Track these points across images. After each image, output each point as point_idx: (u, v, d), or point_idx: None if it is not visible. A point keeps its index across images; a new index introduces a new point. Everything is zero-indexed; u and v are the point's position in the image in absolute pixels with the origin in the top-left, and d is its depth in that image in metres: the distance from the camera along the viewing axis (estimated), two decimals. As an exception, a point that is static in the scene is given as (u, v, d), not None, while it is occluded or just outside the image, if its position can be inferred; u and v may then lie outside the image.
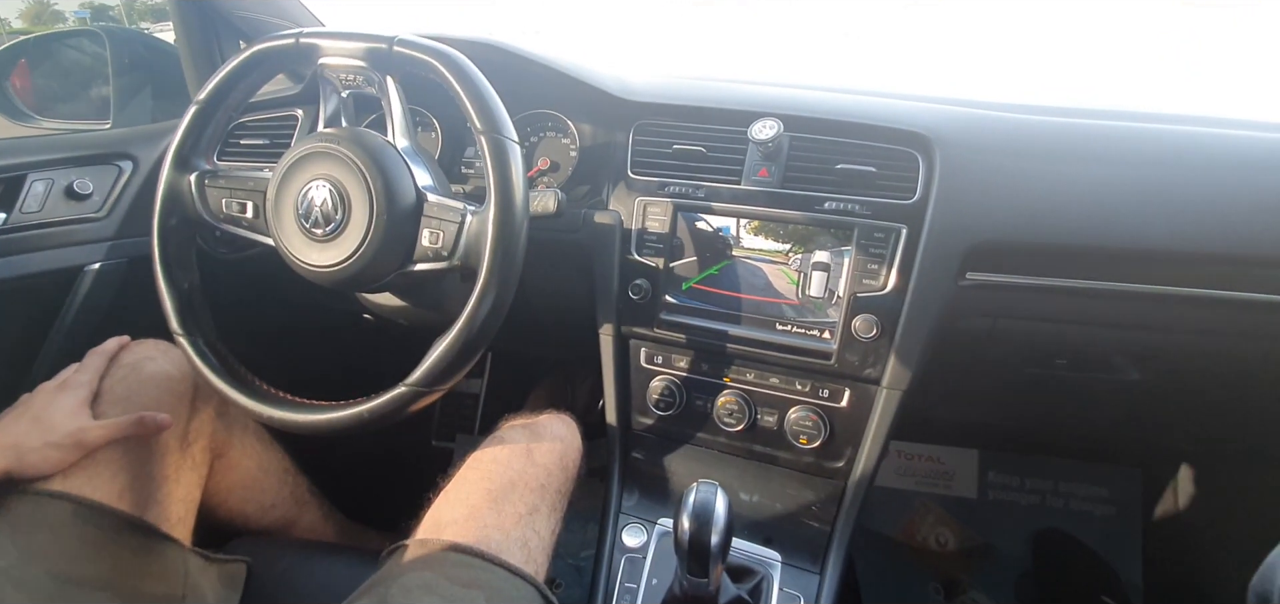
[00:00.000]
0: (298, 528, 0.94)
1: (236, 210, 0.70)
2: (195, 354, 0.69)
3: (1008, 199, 0.73)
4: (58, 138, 0.95)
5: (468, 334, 0.61)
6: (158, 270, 0.70)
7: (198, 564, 0.71)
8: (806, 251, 0.77)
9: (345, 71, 0.68)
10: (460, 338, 0.61)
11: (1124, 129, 0.79)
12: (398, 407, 0.63)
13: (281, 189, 0.66)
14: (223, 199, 0.70)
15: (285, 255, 0.66)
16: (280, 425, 0.65)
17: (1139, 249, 0.71)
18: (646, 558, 0.81)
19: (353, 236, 0.63)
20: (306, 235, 0.64)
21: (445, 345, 0.61)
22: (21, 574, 0.58)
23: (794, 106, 0.81)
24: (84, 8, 1.57)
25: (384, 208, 0.62)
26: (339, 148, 0.63)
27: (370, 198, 0.62)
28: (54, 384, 0.70)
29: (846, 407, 0.79)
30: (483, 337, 0.61)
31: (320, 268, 0.64)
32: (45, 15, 1.75)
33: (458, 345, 0.61)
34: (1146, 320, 0.75)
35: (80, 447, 0.65)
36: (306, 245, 0.65)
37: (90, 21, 1.48)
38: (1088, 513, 1.33)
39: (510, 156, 0.61)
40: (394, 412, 0.63)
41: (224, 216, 0.70)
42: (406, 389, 0.62)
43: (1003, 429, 1.33)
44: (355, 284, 0.66)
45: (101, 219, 0.94)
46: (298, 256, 0.65)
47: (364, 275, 0.64)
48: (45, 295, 0.91)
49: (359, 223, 0.63)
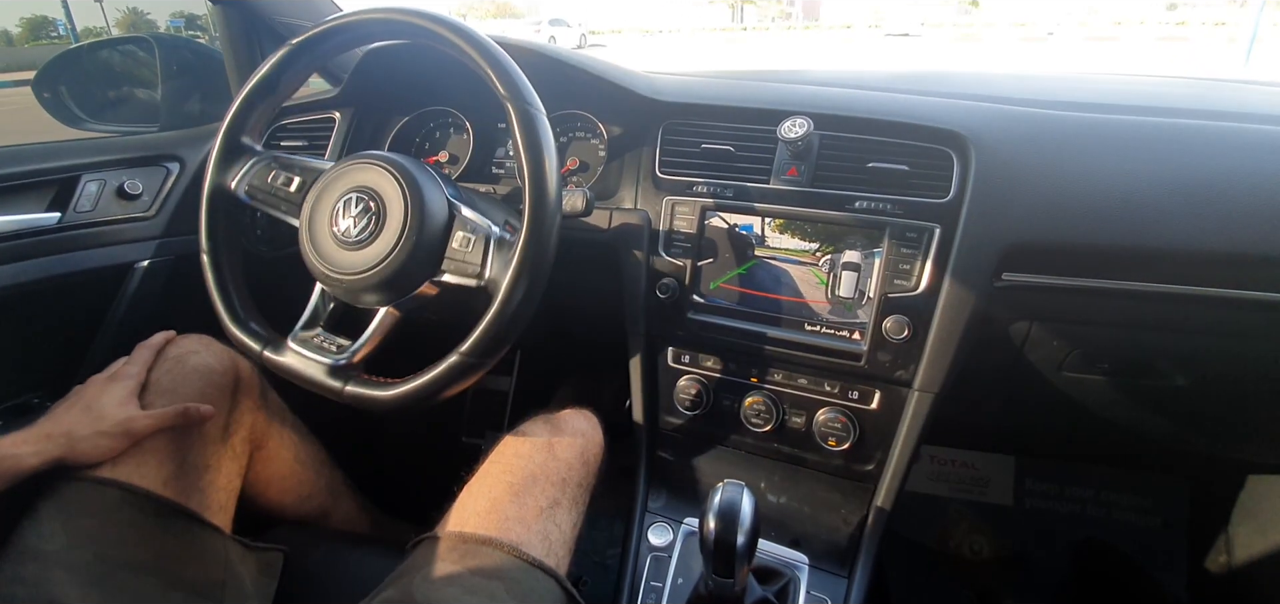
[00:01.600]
0: (332, 519, 0.97)
1: (281, 184, 0.71)
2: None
3: (1046, 198, 0.71)
4: (109, 140, 0.99)
5: (508, 301, 0.61)
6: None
7: (238, 552, 0.74)
8: (836, 251, 0.76)
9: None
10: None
11: (1169, 126, 0.76)
12: (452, 377, 0.63)
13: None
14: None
15: (314, 264, 0.67)
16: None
17: (1185, 250, 0.68)
18: (672, 557, 0.81)
19: (387, 239, 0.64)
20: (338, 243, 0.66)
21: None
22: (70, 557, 0.61)
23: (824, 105, 0.80)
24: (178, 17, 1.64)
25: (418, 217, 0.64)
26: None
27: (405, 203, 0.64)
28: (104, 376, 0.73)
29: (877, 409, 0.78)
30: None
31: (349, 274, 0.65)
32: (140, 23, 1.85)
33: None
34: (1193, 324, 0.72)
35: (128, 435, 0.67)
36: (338, 251, 0.66)
37: (184, 30, 1.54)
38: (1130, 524, 1.28)
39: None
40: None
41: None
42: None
43: (1041, 435, 1.29)
44: (388, 288, 0.66)
45: (150, 218, 0.98)
46: (327, 266, 0.66)
47: (396, 280, 0.65)
48: (97, 291, 0.95)
49: (393, 228, 0.64)
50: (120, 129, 1.04)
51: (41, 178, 0.89)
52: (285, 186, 0.71)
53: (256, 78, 0.72)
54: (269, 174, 0.72)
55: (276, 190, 0.72)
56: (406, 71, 1.00)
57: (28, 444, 0.63)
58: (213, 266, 0.72)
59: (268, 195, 0.72)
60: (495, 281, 0.63)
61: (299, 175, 0.71)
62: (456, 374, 0.63)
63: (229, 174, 0.73)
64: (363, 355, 0.67)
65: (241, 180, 0.73)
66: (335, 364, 0.66)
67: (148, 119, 1.07)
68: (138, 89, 1.10)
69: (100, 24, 1.73)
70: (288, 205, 0.71)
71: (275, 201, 0.72)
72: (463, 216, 0.66)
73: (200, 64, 1.11)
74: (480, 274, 0.64)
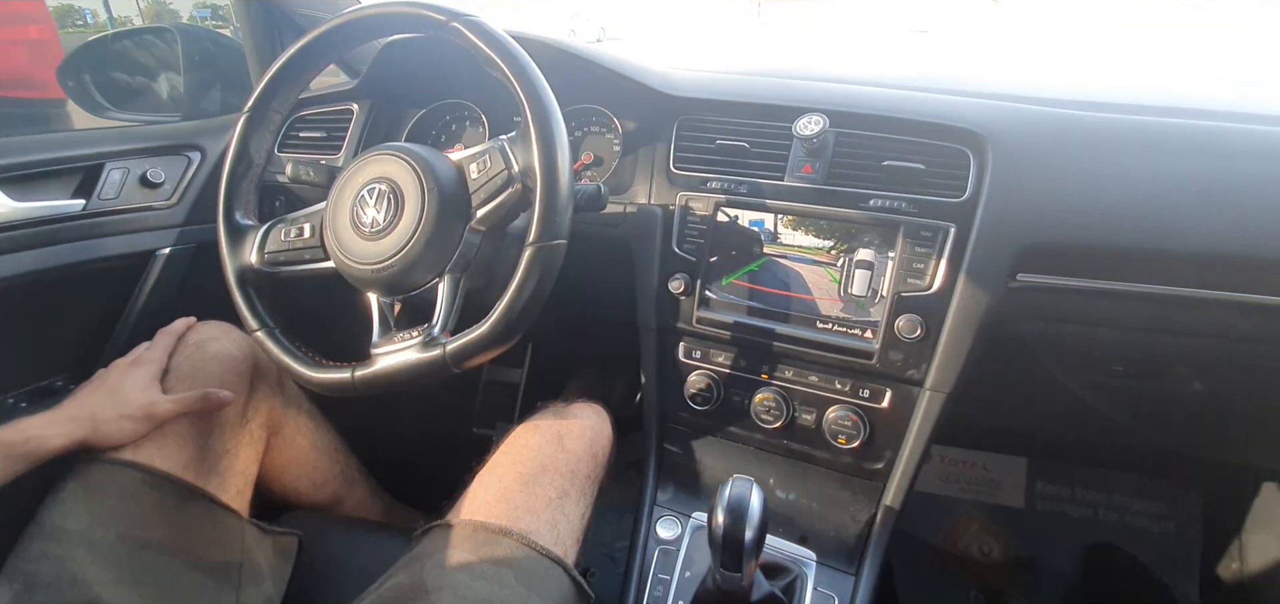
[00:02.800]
0: (346, 505, 0.98)
1: (293, 237, 0.73)
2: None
3: (1063, 198, 0.71)
4: (133, 129, 1.01)
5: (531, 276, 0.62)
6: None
7: (254, 535, 0.75)
8: (850, 249, 0.76)
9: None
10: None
11: (1189, 127, 0.75)
12: (485, 344, 0.63)
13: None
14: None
15: (358, 273, 0.68)
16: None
17: (1206, 254, 0.67)
18: (680, 550, 0.82)
19: (407, 225, 0.65)
20: (369, 237, 0.66)
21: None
22: (93, 536, 0.63)
23: (840, 102, 0.80)
24: (203, 7, 1.64)
25: (432, 177, 0.65)
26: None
27: (420, 182, 0.65)
28: (127, 360, 0.74)
29: (887, 407, 0.78)
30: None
31: (390, 257, 0.66)
32: (164, 13, 1.86)
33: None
34: (1211, 328, 0.71)
35: (150, 419, 0.69)
36: (371, 244, 0.66)
37: (209, 20, 1.55)
38: (1143, 529, 1.27)
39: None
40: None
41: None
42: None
43: (1054, 438, 1.28)
44: (432, 249, 0.66)
45: (172, 206, 0.99)
46: (370, 265, 0.67)
47: (436, 239, 0.65)
48: (120, 277, 0.97)
49: (412, 211, 0.65)
50: (143, 118, 1.06)
51: (67, 165, 0.90)
52: (299, 238, 0.72)
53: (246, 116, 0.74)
54: (280, 234, 0.73)
55: (293, 245, 0.73)
56: (424, 64, 1.00)
57: (53, 426, 0.65)
58: (271, 337, 0.72)
59: (288, 254, 0.73)
60: (528, 169, 0.64)
61: (306, 222, 0.73)
62: (489, 339, 0.63)
63: (243, 252, 0.74)
64: (441, 325, 0.66)
65: (256, 253, 0.73)
66: (426, 340, 0.65)
67: (170, 108, 1.09)
68: (160, 78, 1.11)
69: (124, 13, 1.75)
70: (310, 252, 0.72)
71: (298, 256, 0.73)
72: (467, 155, 0.68)
73: (221, 55, 1.12)
74: (509, 174, 0.65)
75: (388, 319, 0.71)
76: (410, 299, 0.71)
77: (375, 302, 0.71)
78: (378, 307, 0.71)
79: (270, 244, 0.73)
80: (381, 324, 0.70)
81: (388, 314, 0.71)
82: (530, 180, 0.64)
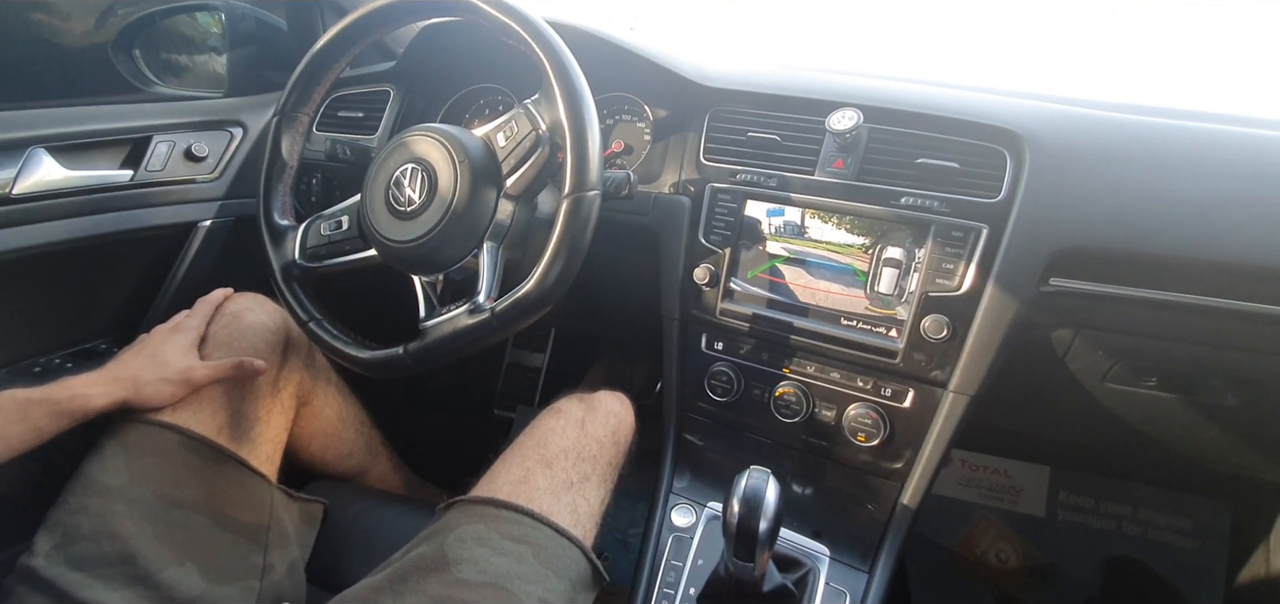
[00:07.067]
0: (370, 476, 1.01)
1: (332, 231, 0.75)
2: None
3: (1100, 203, 0.69)
4: (179, 104, 1.04)
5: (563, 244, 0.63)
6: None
7: (282, 500, 0.78)
8: (878, 247, 0.76)
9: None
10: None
11: (1230, 134, 0.73)
12: (531, 301, 0.64)
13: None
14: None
15: (397, 249, 0.69)
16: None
17: (1246, 264, 0.65)
18: (694, 538, 0.82)
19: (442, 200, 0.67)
20: (405, 218, 0.68)
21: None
22: (131, 492, 0.66)
23: (875, 97, 0.79)
24: None
25: (464, 157, 0.67)
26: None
27: (450, 157, 0.67)
28: (168, 326, 0.77)
29: (909, 408, 0.78)
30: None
31: (427, 232, 0.67)
32: None
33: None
34: (1249, 341, 0.69)
35: (188, 383, 0.72)
36: (406, 224, 0.68)
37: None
38: (1167, 545, 1.24)
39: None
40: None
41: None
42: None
43: (1079, 447, 1.25)
44: (467, 219, 0.68)
45: (214, 180, 1.02)
46: (409, 242, 0.68)
47: (472, 208, 0.67)
48: (163, 246, 1.00)
49: (446, 186, 0.67)
50: (188, 93, 1.09)
51: (118, 137, 0.93)
52: (338, 231, 0.75)
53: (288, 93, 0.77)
54: (320, 229, 0.76)
55: (333, 238, 0.75)
56: (457, 49, 1.01)
57: (96, 385, 0.68)
58: (320, 328, 0.75)
59: (329, 248, 0.75)
60: (556, 124, 0.65)
61: (344, 215, 0.75)
62: (526, 306, 0.65)
63: (285, 250, 0.77)
64: (486, 292, 0.67)
65: (298, 249, 0.76)
66: (472, 307, 0.66)
67: (214, 84, 1.12)
68: (206, 55, 1.14)
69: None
70: (351, 243, 0.75)
71: (339, 248, 0.75)
72: (493, 126, 0.70)
73: (263, 33, 1.15)
74: (537, 135, 0.67)
75: (432, 298, 0.73)
76: (452, 276, 0.73)
77: (419, 283, 0.73)
78: (422, 287, 0.73)
79: (310, 239, 0.76)
80: (427, 303, 0.73)
81: (432, 293, 0.74)
82: (558, 137, 0.65)
